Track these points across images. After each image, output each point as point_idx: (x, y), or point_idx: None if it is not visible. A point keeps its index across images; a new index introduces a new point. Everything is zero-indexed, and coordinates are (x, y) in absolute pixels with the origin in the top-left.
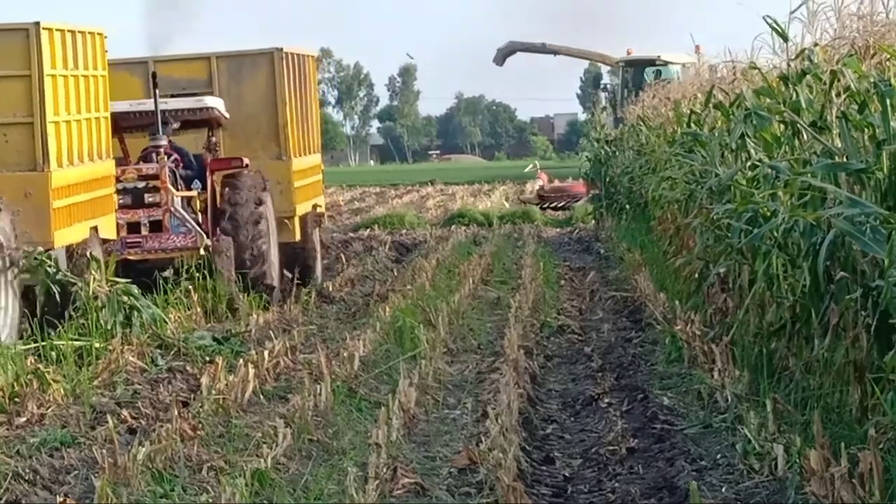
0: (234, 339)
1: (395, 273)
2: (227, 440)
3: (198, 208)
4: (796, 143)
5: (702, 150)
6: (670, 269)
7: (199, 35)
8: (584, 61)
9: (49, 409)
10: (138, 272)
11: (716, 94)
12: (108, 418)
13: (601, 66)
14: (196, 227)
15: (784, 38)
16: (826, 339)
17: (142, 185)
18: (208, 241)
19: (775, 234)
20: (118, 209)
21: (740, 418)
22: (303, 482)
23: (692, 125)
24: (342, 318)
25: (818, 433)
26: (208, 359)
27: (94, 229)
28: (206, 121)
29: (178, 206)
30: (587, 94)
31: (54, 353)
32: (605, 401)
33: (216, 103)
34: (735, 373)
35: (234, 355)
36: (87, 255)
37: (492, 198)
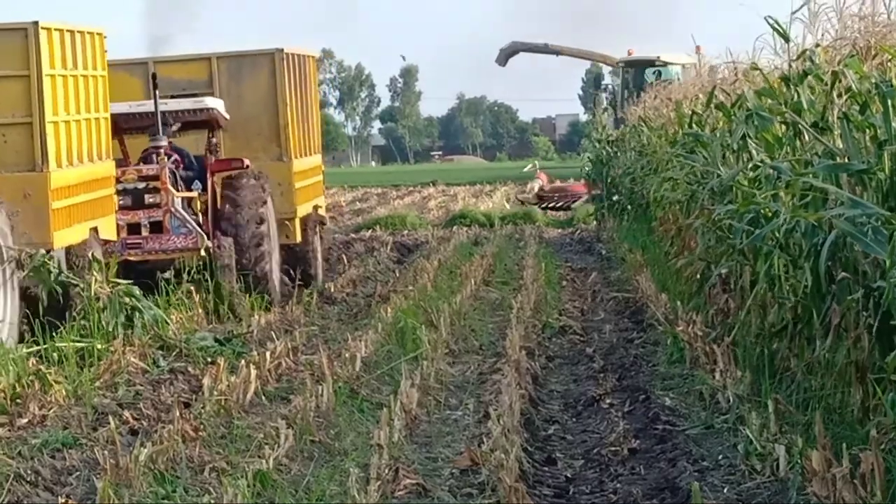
0: (236, 340)
1: (397, 274)
2: (229, 441)
3: (198, 209)
4: (798, 143)
5: (703, 151)
6: (672, 269)
7: (199, 35)
8: (585, 62)
9: (51, 411)
10: (139, 273)
11: (717, 94)
12: (110, 419)
13: (603, 66)
14: (197, 228)
15: (785, 39)
16: (828, 339)
17: (142, 185)
18: (209, 242)
19: (777, 234)
20: (118, 210)
21: (742, 419)
22: (305, 483)
23: (694, 126)
24: (344, 319)
25: (820, 434)
26: (210, 360)
27: (94, 230)
28: (206, 122)
29: (179, 207)
30: (589, 94)
31: (56, 354)
32: (607, 401)
33: (216, 104)
34: (737, 373)
35: (236, 356)
36: (88, 255)
37: (493, 198)
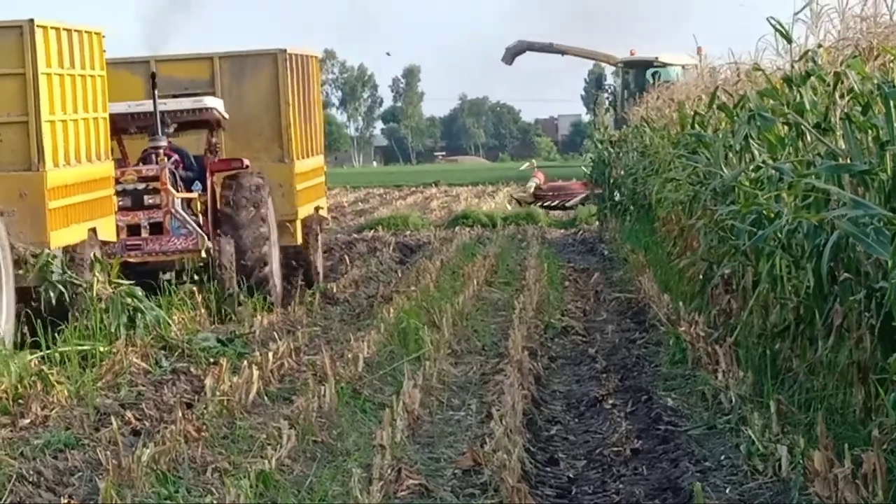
0: (238, 340)
1: (399, 274)
2: (232, 441)
3: (198, 210)
4: (800, 144)
5: (706, 152)
6: (674, 270)
7: (199, 35)
8: (589, 62)
9: (53, 411)
10: (139, 274)
11: (720, 95)
12: (112, 420)
13: (605, 67)
14: (197, 229)
15: (788, 40)
16: (830, 340)
17: (142, 186)
18: (209, 243)
19: (779, 235)
20: (118, 211)
21: (744, 419)
22: (307, 483)
23: (696, 126)
24: (346, 320)
25: (822, 434)
26: (212, 360)
27: (93, 231)
28: (205, 121)
29: (179, 208)
30: (591, 95)
31: (58, 354)
32: (610, 402)
33: (216, 104)
34: (739, 374)
35: (238, 357)
36: (87, 256)
37: (496, 199)
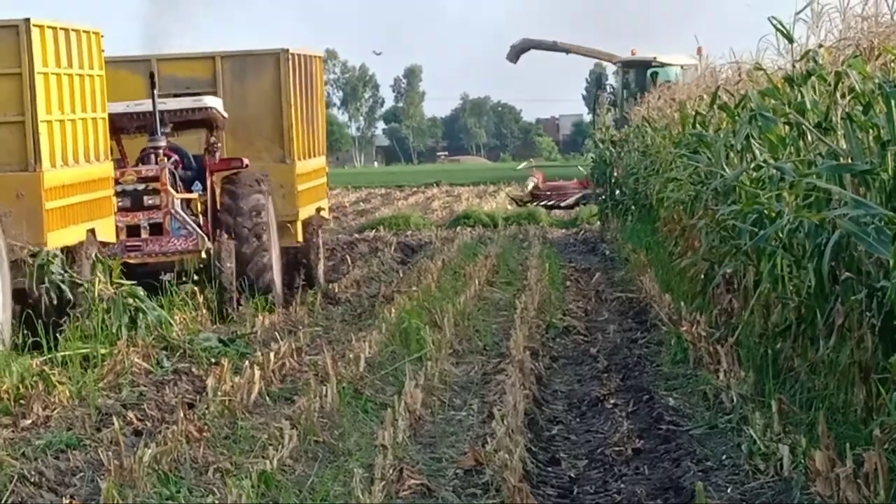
0: (240, 340)
1: (401, 274)
2: (233, 442)
3: (198, 210)
4: (801, 144)
5: (707, 151)
6: (676, 269)
7: (200, 35)
8: (591, 62)
9: (54, 411)
10: (138, 275)
11: (721, 95)
12: (114, 420)
13: (607, 66)
14: (197, 229)
15: (789, 40)
16: (831, 339)
17: (141, 187)
18: (209, 243)
19: (780, 234)
20: (117, 212)
21: (746, 419)
22: (309, 483)
23: (697, 126)
24: (348, 320)
25: (823, 433)
26: (214, 360)
27: (92, 232)
28: (204, 121)
29: (179, 209)
30: (592, 94)
31: (60, 355)
32: (611, 402)
33: (215, 103)
34: (740, 373)
35: (240, 357)
36: (90, 256)
37: (497, 199)
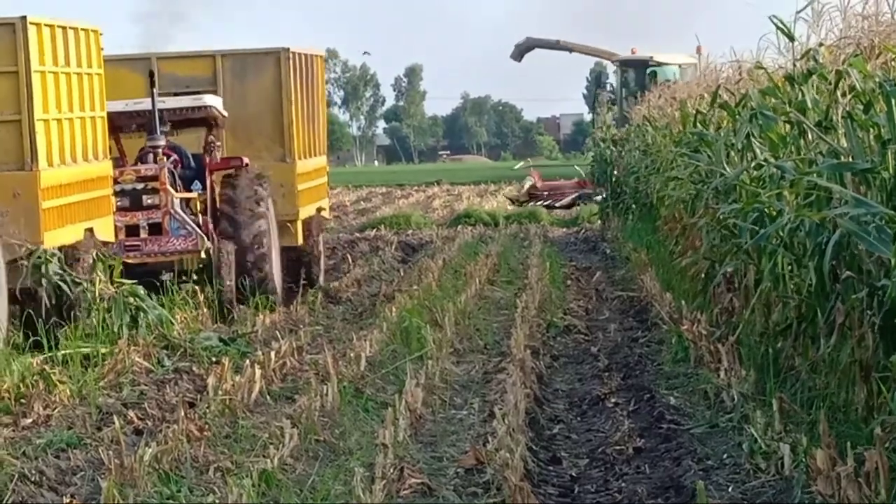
0: (241, 339)
1: (402, 273)
2: (234, 441)
3: (198, 210)
4: (802, 142)
5: (708, 150)
6: (676, 268)
7: (200, 34)
8: (592, 61)
9: (55, 410)
10: (137, 275)
11: (721, 94)
12: (115, 419)
13: (607, 65)
14: (196, 229)
15: (790, 38)
16: (832, 338)
17: (140, 186)
18: (209, 243)
19: (781, 233)
20: (116, 212)
21: (746, 418)
22: (310, 483)
23: (698, 125)
24: (349, 319)
25: (824, 432)
26: (215, 359)
27: (90, 231)
28: (204, 119)
29: (178, 209)
30: (592, 93)
31: (60, 353)
32: (612, 401)
33: (215, 102)
34: (741, 372)
35: (241, 356)
36: (90, 256)
37: (498, 198)
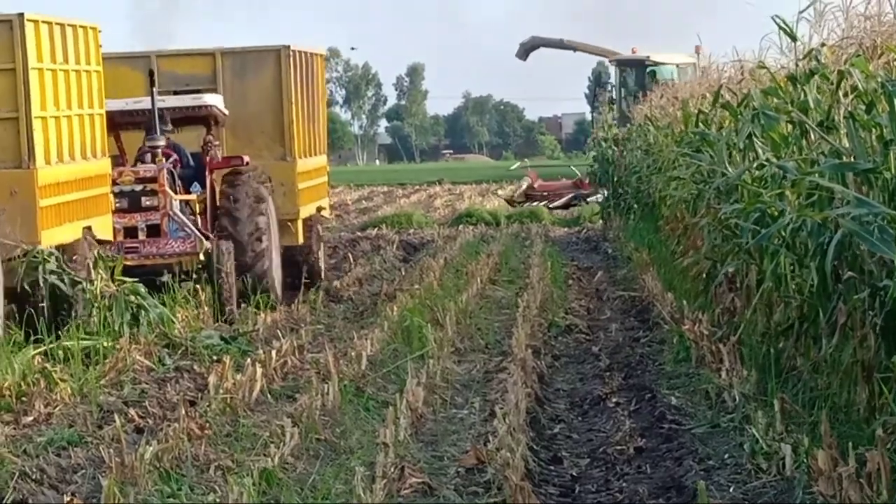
0: (242, 338)
1: (403, 272)
2: (235, 439)
3: (197, 210)
4: (804, 142)
5: (709, 150)
6: (678, 268)
7: (201, 32)
8: (594, 60)
9: (56, 409)
10: (135, 277)
11: (723, 93)
12: (116, 417)
13: (608, 65)
14: (195, 231)
15: (792, 38)
16: (834, 338)
17: (139, 188)
18: (208, 244)
19: (783, 233)
20: (114, 213)
21: (748, 418)
22: (310, 481)
23: (700, 125)
24: (350, 318)
25: (826, 433)
26: (216, 358)
27: (88, 229)
28: (204, 118)
29: (177, 210)
30: (595, 93)
31: (61, 352)
32: (613, 400)
33: (215, 101)
34: (743, 372)
35: (242, 354)
36: (89, 255)
37: (499, 197)
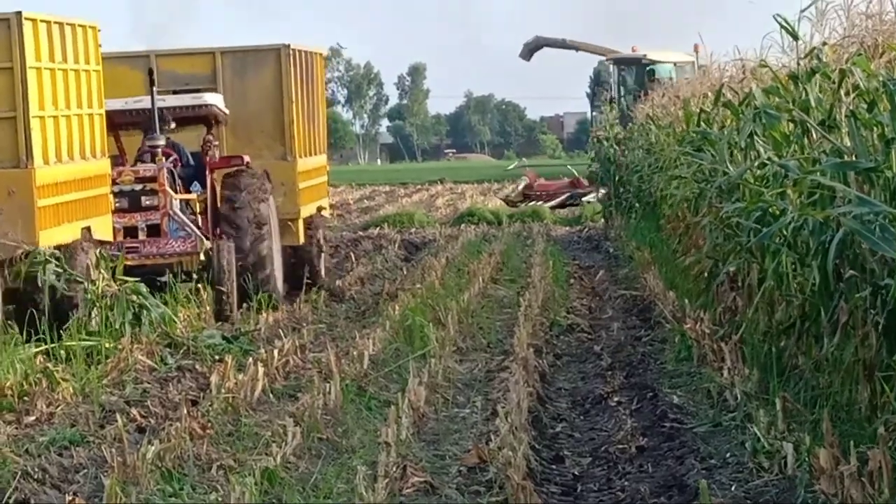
0: (244, 337)
1: (405, 272)
2: (237, 439)
3: (197, 210)
4: (805, 141)
5: (711, 149)
6: (680, 267)
7: (201, 31)
8: (595, 60)
9: (58, 408)
10: (136, 277)
11: (725, 92)
12: (118, 417)
13: (608, 64)
14: (196, 230)
15: (794, 37)
16: (835, 337)
17: (139, 187)
18: (209, 243)
19: (784, 232)
20: (114, 213)
21: (750, 417)
22: (312, 481)
23: (701, 124)
24: (351, 317)
25: (827, 431)
26: (218, 357)
27: (87, 230)
28: (204, 117)
29: (177, 210)
30: (596, 92)
31: (63, 351)
32: (615, 399)
33: (215, 100)
34: (744, 371)
35: (244, 354)
36: (89, 255)
37: (498, 197)
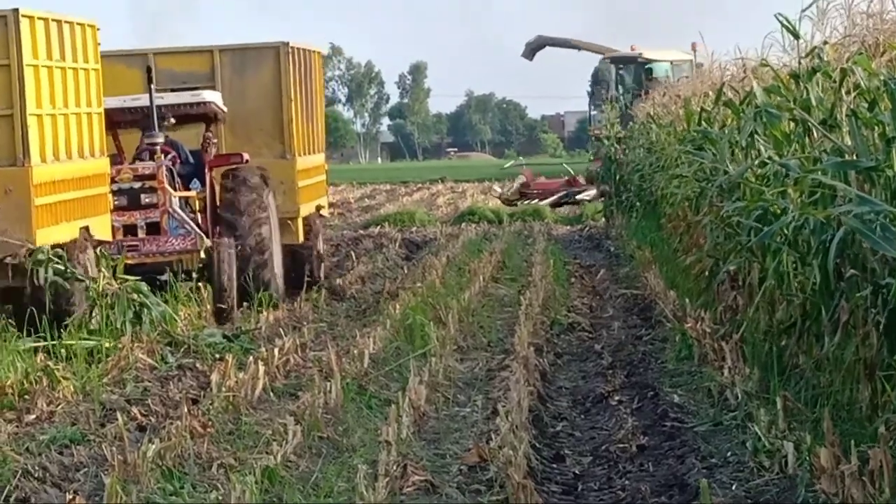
0: (244, 336)
1: (406, 270)
2: (237, 437)
3: (196, 208)
4: (806, 140)
5: (712, 148)
6: (680, 266)
7: (201, 30)
8: (596, 59)
9: (59, 407)
10: (135, 275)
11: (726, 91)
12: (118, 415)
13: (607, 63)
14: (195, 228)
15: (795, 36)
16: (836, 336)
17: (138, 185)
18: (208, 241)
19: (785, 231)
20: (113, 211)
21: (750, 416)
22: (313, 480)
23: (702, 123)
24: (352, 316)
25: (828, 430)
26: (218, 356)
27: (85, 229)
28: (203, 115)
29: (177, 207)
30: (596, 91)
31: (64, 350)
32: (616, 398)
33: (214, 97)
34: (745, 370)
35: (244, 353)
36: (88, 254)
37: (494, 196)
